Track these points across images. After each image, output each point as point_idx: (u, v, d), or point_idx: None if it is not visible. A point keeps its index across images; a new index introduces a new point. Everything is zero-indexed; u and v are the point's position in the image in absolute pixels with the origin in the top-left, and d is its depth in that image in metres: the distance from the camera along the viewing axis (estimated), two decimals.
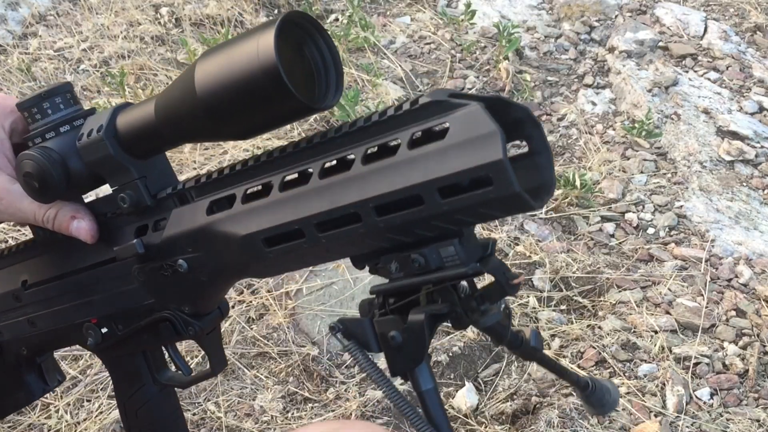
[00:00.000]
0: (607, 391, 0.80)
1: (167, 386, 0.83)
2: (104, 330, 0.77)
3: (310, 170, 0.57)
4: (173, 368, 0.83)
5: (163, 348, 0.81)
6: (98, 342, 0.77)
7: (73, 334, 0.80)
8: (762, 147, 2.17)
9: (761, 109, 2.34)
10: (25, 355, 0.88)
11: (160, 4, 2.50)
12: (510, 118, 0.51)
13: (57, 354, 1.50)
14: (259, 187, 0.61)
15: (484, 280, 0.59)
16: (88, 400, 1.44)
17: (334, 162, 0.57)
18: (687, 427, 1.41)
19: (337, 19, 2.54)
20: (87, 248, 0.74)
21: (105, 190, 0.71)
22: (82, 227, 0.71)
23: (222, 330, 1.57)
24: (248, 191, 0.61)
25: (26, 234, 1.63)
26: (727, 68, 2.49)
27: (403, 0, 2.73)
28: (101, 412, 1.41)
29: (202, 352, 1.54)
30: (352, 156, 0.55)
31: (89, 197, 0.75)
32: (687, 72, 2.47)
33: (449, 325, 0.62)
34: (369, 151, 0.54)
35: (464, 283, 0.58)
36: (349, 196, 0.54)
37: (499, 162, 0.47)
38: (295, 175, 0.59)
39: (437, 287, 0.57)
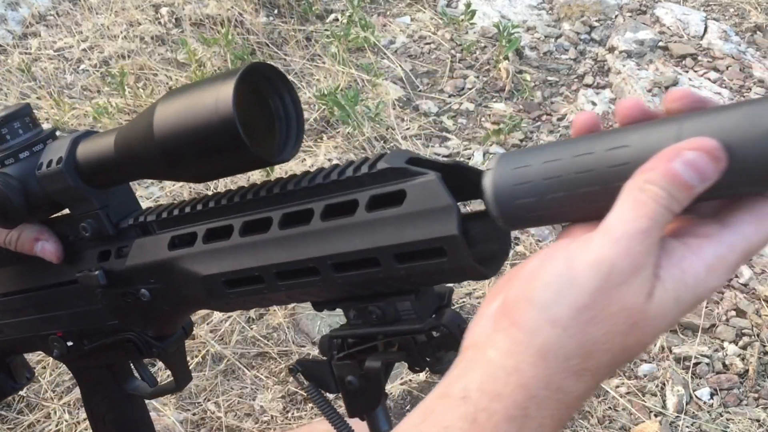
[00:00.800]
0: None
1: (134, 395, 0.83)
2: (70, 343, 0.77)
3: (271, 218, 0.58)
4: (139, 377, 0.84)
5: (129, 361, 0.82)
6: (63, 354, 0.78)
7: (40, 344, 0.80)
8: None
9: None
10: None
11: (160, 4, 2.50)
12: (469, 181, 0.50)
13: None
14: (220, 228, 0.61)
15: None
16: None
17: (294, 213, 0.57)
18: (687, 427, 1.41)
19: (337, 19, 2.54)
20: (50, 267, 0.73)
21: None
22: (47, 248, 0.71)
23: (222, 330, 1.57)
24: (209, 230, 0.62)
25: None
26: (727, 68, 2.49)
27: (403, 0, 2.73)
28: None
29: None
30: (312, 209, 0.56)
31: None
32: (687, 72, 2.47)
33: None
34: (328, 207, 0.55)
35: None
36: (308, 250, 0.55)
37: (453, 237, 0.48)
38: (256, 221, 0.59)
39: (394, 336, 0.58)
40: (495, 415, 0.41)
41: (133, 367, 0.83)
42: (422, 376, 1.48)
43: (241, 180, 1.77)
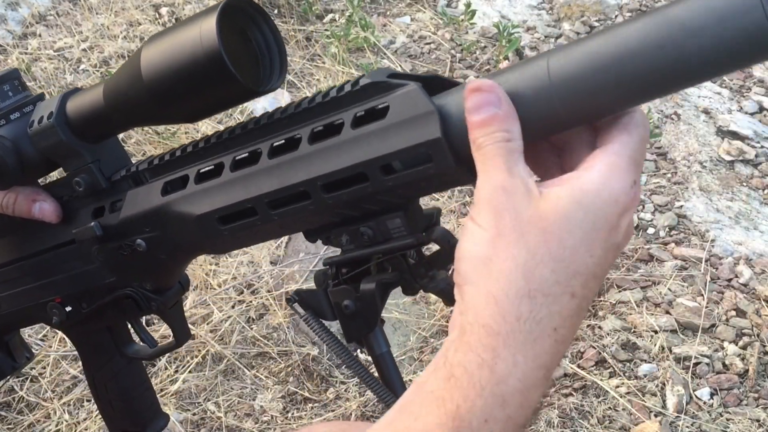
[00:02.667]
0: None
1: (134, 359, 0.85)
2: (68, 308, 0.78)
3: (259, 150, 0.59)
4: (139, 341, 0.85)
5: (128, 322, 0.83)
6: (63, 320, 0.78)
7: (38, 314, 0.81)
8: (762, 147, 2.17)
9: (761, 109, 2.34)
10: None
11: (160, 4, 2.50)
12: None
13: (57, 354, 1.50)
14: (212, 167, 0.63)
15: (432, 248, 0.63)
16: (88, 400, 1.44)
17: (282, 142, 0.59)
18: (687, 427, 1.41)
19: (336, 19, 2.54)
20: (46, 231, 0.74)
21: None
22: (45, 208, 0.71)
23: (222, 330, 1.57)
24: (201, 171, 0.63)
25: None
26: None
27: (403, 0, 2.73)
28: None
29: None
30: (299, 136, 0.57)
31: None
32: None
33: (448, 324, 0.63)
34: (315, 131, 0.57)
35: (413, 251, 0.61)
36: (298, 175, 0.56)
37: (437, 140, 0.50)
38: (246, 155, 0.61)
39: (387, 257, 0.60)
40: (469, 366, 0.44)
41: (132, 330, 0.84)
42: None
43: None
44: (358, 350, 1.49)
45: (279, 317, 1.59)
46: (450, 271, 0.63)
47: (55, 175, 0.75)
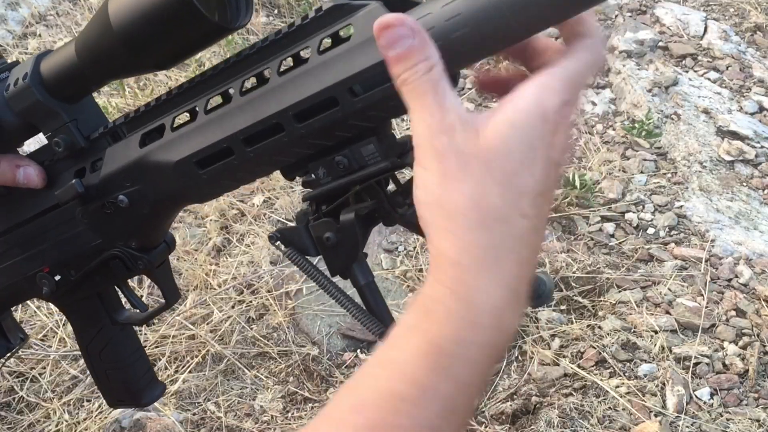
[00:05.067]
0: (542, 282, 0.83)
1: (126, 325, 0.85)
2: (57, 278, 0.78)
3: (231, 90, 0.60)
4: (129, 308, 0.85)
5: (117, 289, 0.83)
6: (53, 290, 0.79)
7: (28, 287, 0.81)
8: (762, 147, 2.17)
9: (761, 109, 2.34)
10: None
11: None
12: (410, 8, 0.54)
13: (58, 354, 1.50)
14: (187, 114, 0.63)
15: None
16: (88, 400, 1.44)
17: (253, 77, 0.59)
18: (687, 427, 1.41)
19: None
20: (27, 200, 0.75)
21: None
22: (30, 173, 0.72)
23: (222, 330, 1.57)
24: (176, 119, 0.64)
25: None
26: (727, 68, 2.49)
27: None
28: (101, 412, 1.41)
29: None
30: (269, 69, 0.58)
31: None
32: (687, 72, 2.47)
33: None
34: (283, 62, 0.57)
35: (390, 181, 0.63)
36: (270, 107, 0.57)
37: None
38: (218, 97, 0.62)
39: (364, 185, 0.61)
40: (440, 297, 0.46)
41: (122, 296, 0.84)
42: None
43: None
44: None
45: (279, 317, 1.59)
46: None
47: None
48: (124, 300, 0.85)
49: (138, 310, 0.84)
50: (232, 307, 1.62)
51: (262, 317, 1.62)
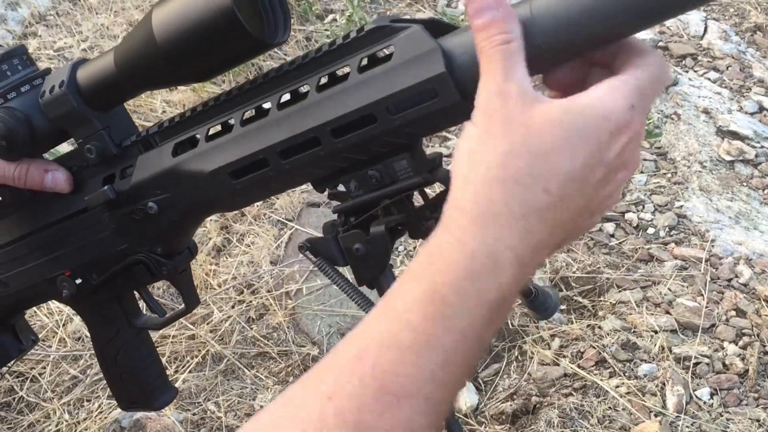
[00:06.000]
0: (549, 296, 0.84)
1: (143, 330, 0.86)
2: (79, 281, 0.79)
3: (268, 104, 0.61)
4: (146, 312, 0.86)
5: (136, 293, 0.84)
6: (73, 293, 0.79)
7: (48, 289, 0.81)
8: (762, 147, 2.17)
9: (761, 109, 2.34)
10: None
11: None
12: (449, 33, 0.55)
13: (58, 354, 1.50)
14: (221, 125, 0.65)
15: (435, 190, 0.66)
16: (88, 400, 1.44)
17: (291, 92, 0.61)
18: (687, 427, 1.41)
19: (336, 20, 2.54)
20: (55, 203, 0.75)
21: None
22: (58, 178, 0.73)
23: (222, 330, 1.57)
24: (211, 130, 0.65)
25: None
26: (727, 68, 2.49)
27: (403, 0, 2.73)
28: (101, 412, 1.41)
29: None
30: (307, 86, 0.59)
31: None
32: (687, 72, 2.47)
33: None
34: (322, 80, 0.59)
35: (418, 194, 0.64)
36: (307, 122, 0.58)
37: (442, 74, 0.52)
38: (255, 109, 0.63)
39: (393, 200, 0.62)
40: (443, 245, 0.47)
41: (141, 300, 0.85)
42: None
43: None
44: None
45: (279, 317, 1.59)
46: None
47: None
48: (141, 304, 0.85)
49: (156, 315, 0.84)
50: (232, 307, 1.62)
51: (262, 317, 1.62)
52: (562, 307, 1.65)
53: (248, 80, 0.63)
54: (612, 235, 1.87)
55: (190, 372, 1.50)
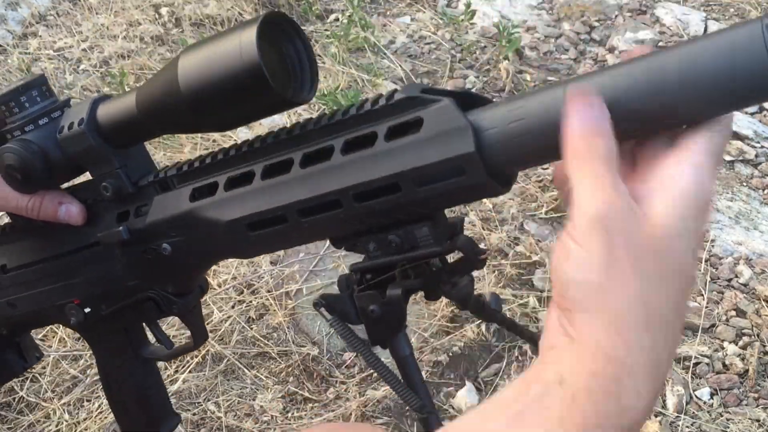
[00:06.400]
0: None
1: (149, 360, 0.85)
2: (87, 310, 0.78)
3: (291, 159, 0.60)
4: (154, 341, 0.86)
5: (146, 324, 0.83)
6: (81, 321, 0.79)
7: (55, 315, 0.81)
8: (762, 147, 2.17)
9: (761, 109, 2.34)
10: (5, 335, 0.90)
11: (160, 4, 2.50)
12: (479, 107, 0.55)
13: (58, 354, 1.50)
14: (241, 175, 0.64)
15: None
16: (88, 400, 1.44)
17: (315, 151, 0.60)
18: (687, 427, 1.41)
19: (337, 19, 2.54)
20: (68, 233, 0.75)
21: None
22: (72, 211, 0.72)
23: (222, 330, 1.57)
24: (231, 178, 0.64)
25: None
26: None
27: (403, 0, 2.73)
28: (101, 412, 1.41)
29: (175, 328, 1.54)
30: (332, 146, 0.58)
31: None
32: None
33: (449, 324, 0.65)
34: (348, 142, 0.58)
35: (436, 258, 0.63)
36: (330, 184, 0.57)
37: (471, 154, 0.51)
38: (277, 164, 0.62)
39: (412, 264, 0.62)
40: (593, 392, 0.42)
41: (148, 331, 0.85)
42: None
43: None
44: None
45: (279, 317, 1.59)
46: (469, 279, 0.66)
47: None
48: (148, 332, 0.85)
49: (163, 346, 0.84)
50: (232, 307, 1.62)
51: (262, 317, 1.62)
52: None
53: (271, 133, 0.62)
54: None
55: (190, 372, 1.50)
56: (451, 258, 0.63)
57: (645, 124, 0.46)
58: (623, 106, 0.46)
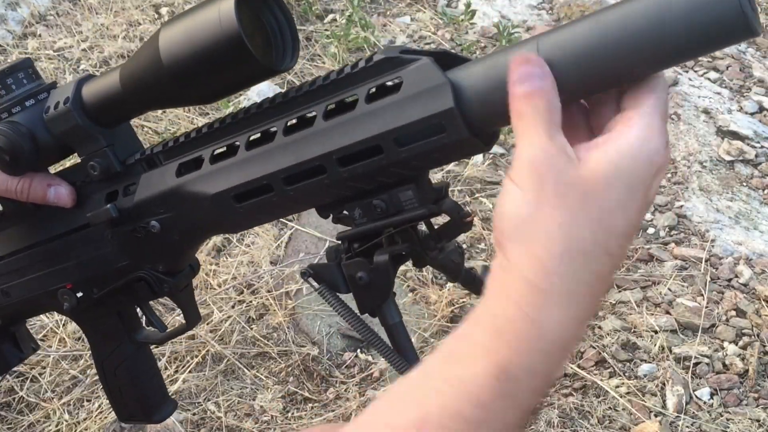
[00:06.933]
0: None
1: (143, 344, 0.85)
2: (80, 294, 0.79)
3: (274, 129, 0.61)
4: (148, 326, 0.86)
5: (138, 307, 0.83)
6: (74, 306, 0.79)
7: (48, 301, 0.81)
8: (762, 147, 2.17)
9: (761, 109, 2.34)
10: (0, 326, 0.89)
11: (160, 4, 2.50)
12: (458, 65, 0.55)
13: (58, 354, 1.50)
14: (226, 147, 0.64)
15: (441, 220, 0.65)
16: (88, 400, 1.44)
17: (297, 119, 0.60)
18: (687, 427, 1.41)
19: (336, 19, 2.54)
20: (57, 217, 0.75)
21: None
22: (61, 192, 0.72)
23: (222, 330, 1.57)
24: (215, 152, 0.64)
25: None
26: (727, 68, 2.49)
27: (403, 0, 2.73)
28: (101, 412, 1.41)
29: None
30: (314, 113, 0.59)
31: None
32: (687, 72, 2.47)
33: (449, 324, 0.65)
34: (329, 108, 0.58)
35: (422, 224, 0.63)
36: (314, 150, 0.58)
37: (450, 110, 0.51)
38: (260, 135, 0.62)
39: (398, 229, 0.62)
40: (514, 320, 0.46)
41: (141, 315, 0.85)
42: None
43: None
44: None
45: (279, 317, 1.59)
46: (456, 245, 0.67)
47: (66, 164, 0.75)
48: (142, 317, 0.85)
49: (157, 330, 0.84)
50: (232, 307, 1.62)
51: (262, 317, 1.62)
52: None
53: (255, 104, 0.62)
54: None
55: (190, 372, 1.50)
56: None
57: (599, 78, 0.48)
58: (571, 63, 0.48)
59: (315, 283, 0.66)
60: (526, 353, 0.45)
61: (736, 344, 1.57)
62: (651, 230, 1.88)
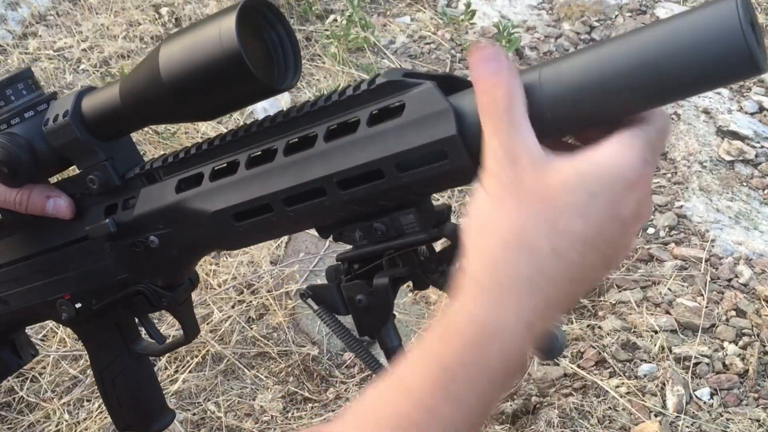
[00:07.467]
0: (555, 338, 0.84)
1: (142, 356, 0.85)
2: (78, 305, 0.78)
3: (275, 148, 0.60)
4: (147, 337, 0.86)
5: (137, 319, 0.83)
6: (72, 317, 0.79)
7: (47, 311, 0.81)
8: (762, 147, 2.17)
9: (761, 109, 2.34)
10: None
11: (160, 4, 2.50)
12: (462, 89, 0.54)
13: (58, 354, 1.50)
14: (227, 165, 0.63)
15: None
16: (88, 400, 1.44)
17: (298, 139, 0.59)
18: (687, 427, 1.41)
19: (336, 20, 2.54)
20: (56, 228, 0.75)
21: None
22: (60, 205, 0.72)
23: (222, 330, 1.57)
24: (215, 169, 0.64)
25: None
26: None
27: (403, 0, 2.73)
28: (101, 412, 1.41)
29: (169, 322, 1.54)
30: (315, 133, 0.58)
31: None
32: None
33: None
34: (331, 129, 0.57)
35: (423, 246, 0.62)
36: (314, 171, 0.57)
37: (452, 137, 0.51)
38: (261, 153, 0.61)
39: (399, 252, 0.61)
40: (456, 316, 0.46)
41: (140, 326, 0.84)
42: None
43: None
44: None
45: (279, 317, 1.59)
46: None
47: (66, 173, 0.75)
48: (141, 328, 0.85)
49: (156, 342, 0.84)
50: (232, 307, 1.62)
51: (262, 317, 1.62)
52: None
53: (255, 121, 0.62)
54: None
55: (190, 372, 1.50)
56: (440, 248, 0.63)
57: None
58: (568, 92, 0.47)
59: (314, 305, 0.65)
60: (464, 349, 0.45)
61: (736, 344, 1.57)
62: (651, 230, 1.88)
